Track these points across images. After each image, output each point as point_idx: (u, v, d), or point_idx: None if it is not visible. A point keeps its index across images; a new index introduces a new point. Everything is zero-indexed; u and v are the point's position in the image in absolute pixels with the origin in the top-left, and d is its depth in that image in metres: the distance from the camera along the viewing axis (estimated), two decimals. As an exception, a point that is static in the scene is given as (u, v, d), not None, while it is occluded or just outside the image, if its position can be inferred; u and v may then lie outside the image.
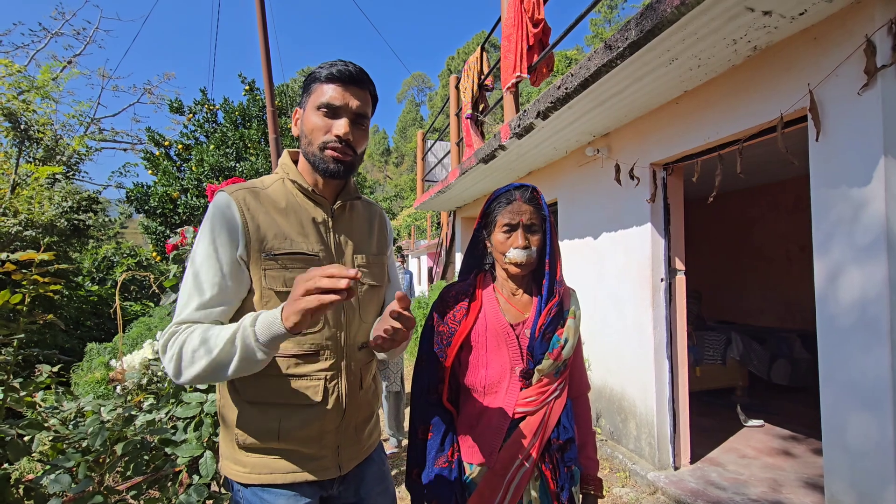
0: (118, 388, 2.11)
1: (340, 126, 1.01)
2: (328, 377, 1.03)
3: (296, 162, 1.13)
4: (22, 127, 9.05)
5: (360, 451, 1.15)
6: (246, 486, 1.03)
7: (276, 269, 0.99)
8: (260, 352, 0.83)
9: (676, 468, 3.05)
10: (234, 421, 1.02)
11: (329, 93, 1.01)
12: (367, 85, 1.06)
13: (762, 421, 3.90)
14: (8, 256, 1.46)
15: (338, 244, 1.10)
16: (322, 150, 1.03)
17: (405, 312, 0.87)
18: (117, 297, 1.78)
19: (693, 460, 3.16)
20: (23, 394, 1.46)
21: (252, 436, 1.01)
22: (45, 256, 1.47)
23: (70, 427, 1.57)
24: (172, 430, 1.64)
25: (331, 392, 1.04)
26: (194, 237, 1.97)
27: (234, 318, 1.01)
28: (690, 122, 2.70)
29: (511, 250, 1.16)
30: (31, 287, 1.46)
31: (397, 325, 0.88)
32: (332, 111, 1.02)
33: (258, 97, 12.78)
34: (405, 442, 3.76)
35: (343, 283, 0.73)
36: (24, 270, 1.45)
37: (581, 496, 1.26)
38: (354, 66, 1.04)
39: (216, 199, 1.01)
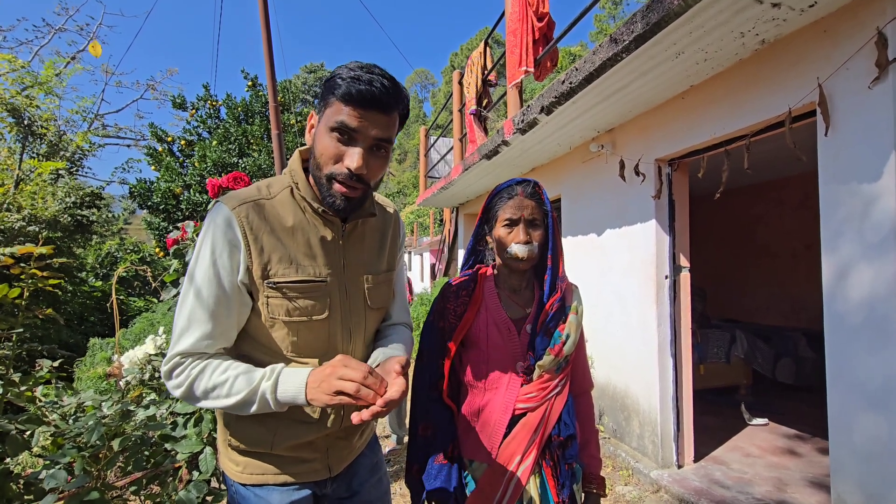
0: (121, 382, 2.11)
1: (353, 158, 0.87)
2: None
3: (306, 163, 1.01)
4: (25, 122, 9.07)
5: (351, 452, 1.12)
6: (242, 484, 1.02)
7: (279, 299, 0.92)
8: (277, 407, 0.87)
9: (680, 466, 3.03)
10: (229, 424, 1.01)
11: (343, 113, 0.86)
12: (393, 108, 0.90)
13: (766, 420, 3.88)
14: (5, 251, 1.44)
15: (348, 265, 1.03)
16: (329, 182, 0.90)
17: (395, 397, 0.81)
18: (113, 292, 1.77)
19: (697, 459, 3.14)
20: (23, 388, 1.45)
21: (245, 442, 0.99)
22: (44, 250, 1.45)
23: (70, 422, 1.57)
24: (172, 426, 1.63)
25: (329, 413, 1.02)
26: (195, 232, 1.95)
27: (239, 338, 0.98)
28: (696, 117, 2.67)
29: (512, 245, 1.14)
30: (30, 281, 1.45)
31: (383, 411, 0.80)
32: (346, 136, 0.88)
33: (261, 93, 12.78)
34: (406, 438, 3.76)
35: (370, 400, 0.78)
36: (22, 264, 1.44)
37: (584, 494, 1.24)
38: (380, 83, 0.86)
39: (216, 214, 0.91)
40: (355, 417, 0.79)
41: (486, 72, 5.33)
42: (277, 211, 0.96)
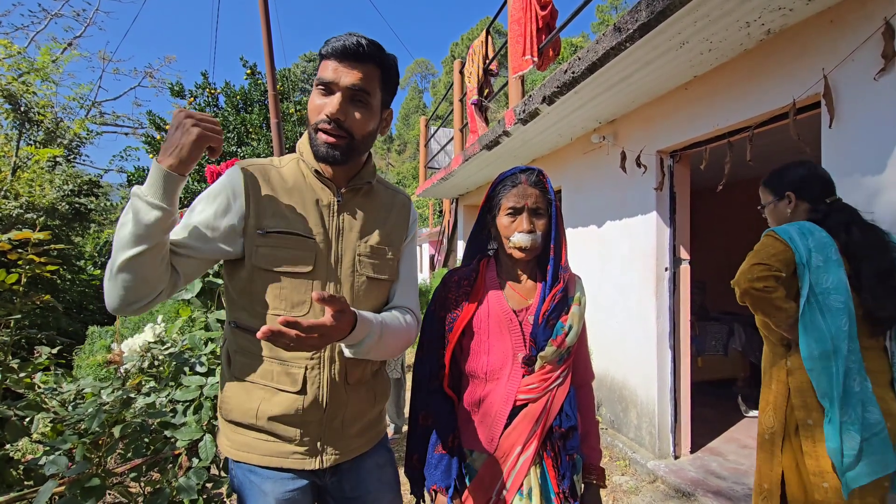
0: (121, 370, 2.11)
1: (330, 104, 0.97)
2: (309, 366, 1.01)
3: None
4: (22, 109, 8.99)
5: (349, 448, 1.09)
6: (236, 462, 1.04)
7: (266, 247, 0.98)
8: (150, 206, 0.82)
9: (676, 457, 3.06)
10: (221, 391, 1.05)
11: (323, 69, 0.97)
12: (367, 58, 0.98)
13: (763, 412, 3.89)
14: (3, 236, 1.43)
15: (340, 228, 1.06)
16: (315, 132, 0.99)
17: (305, 323, 0.76)
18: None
19: (693, 450, 3.16)
20: (22, 375, 1.45)
21: (233, 410, 1.02)
22: (41, 236, 1.44)
23: (69, 409, 1.56)
24: (172, 413, 1.63)
25: (310, 382, 1.01)
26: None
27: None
28: (700, 109, 2.65)
29: (515, 234, 1.13)
30: (28, 267, 1.44)
31: (292, 333, 0.75)
32: (326, 89, 0.98)
33: (260, 81, 12.65)
34: (405, 428, 3.77)
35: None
36: (19, 250, 1.43)
37: (583, 485, 1.25)
38: (354, 39, 0.96)
39: (229, 171, 1.02)
40: (259, 333, 0.73)
41: (487, 61, 5.28)
42: (281, 175, 1.05)
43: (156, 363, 2.16)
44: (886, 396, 1.37)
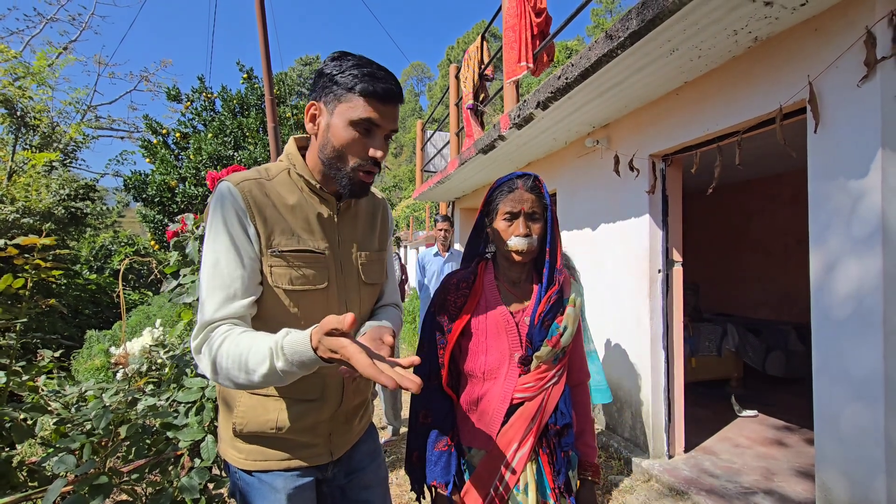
0: (119, 373, 2.13)
1: (376, 147, 0.97)
2: (327, 374, 1.04)
3: (302, 150, 1.07)
4: (18, 113, 8.98)
5: (352, 437, 1.17)
6: (246, 471, 1.05)
7: (282, 267, 0.97)
8: (306, 371, 0.83)
9: (671, 457, 3.10)
10: (232, 408, 1.04)
11: (367, 110, 0.93)
12: (401, 99, 0.99)
13: (756, 411, 3.95)
14: (7, 242, 1.46)
15: (342, 241, 1.09)
16: (354, 171, 0.98)
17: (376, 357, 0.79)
18: (120, 283, 1.79)
19: (687, 449, 3.20)
20: (25, 378, 1.47)
21: (249, 425, 1.02)
22: (47, 241, 1.47)
23: (73, 411, 1.59)
24: (174, 414, 1.65)
25: (329, 387, 1.05)
26: (195, 224, 1.96)
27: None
28: (690, 113, 2.70)
29: (512, 238, 1.16)
30: (33, 272, 1.46)
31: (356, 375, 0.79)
32: (368, 130, 0.96)
33: (256, 85, 12.65)
34: (403, 430, 3.80)
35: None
36: (25, 255, 1.46)
37: (579, 481, 1.28)
38: (395, 81, 0.96)
39: (221, 191, 0.95)
40: (344, 370, 0.76)
41: (483, 66, 5.33)
42: (277, 190, 1.01)
43: (153, 367, 2.18)
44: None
